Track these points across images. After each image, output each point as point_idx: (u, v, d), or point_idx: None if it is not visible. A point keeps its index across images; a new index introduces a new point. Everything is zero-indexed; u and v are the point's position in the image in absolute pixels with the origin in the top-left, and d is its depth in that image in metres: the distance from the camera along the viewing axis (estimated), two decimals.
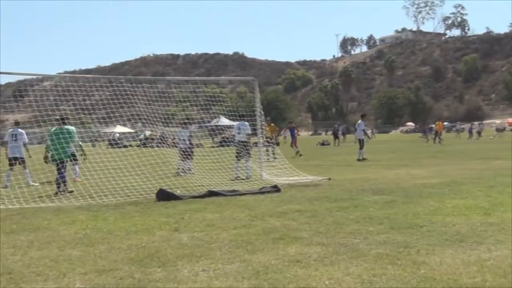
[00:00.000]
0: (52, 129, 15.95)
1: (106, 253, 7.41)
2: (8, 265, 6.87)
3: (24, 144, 18.40)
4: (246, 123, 19.39)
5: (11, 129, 18.71)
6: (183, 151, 20.23)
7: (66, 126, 15.86)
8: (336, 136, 55.90)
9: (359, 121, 28.88)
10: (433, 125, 56.34)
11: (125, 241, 8.20)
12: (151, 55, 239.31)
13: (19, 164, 18.19)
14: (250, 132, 19.39)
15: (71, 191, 14.90)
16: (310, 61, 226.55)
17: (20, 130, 18.56)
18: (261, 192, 13.88)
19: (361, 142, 27.59)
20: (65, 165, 15.46)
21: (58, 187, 15.02)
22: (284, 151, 22.27)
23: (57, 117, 16.21)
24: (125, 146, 32.75)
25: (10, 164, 18.18)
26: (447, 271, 6.07)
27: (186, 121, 22.01)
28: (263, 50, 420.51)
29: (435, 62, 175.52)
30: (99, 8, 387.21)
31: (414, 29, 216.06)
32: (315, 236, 8.11)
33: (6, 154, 18.66)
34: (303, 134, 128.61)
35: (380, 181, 16.15)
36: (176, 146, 21.47)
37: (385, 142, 58.11)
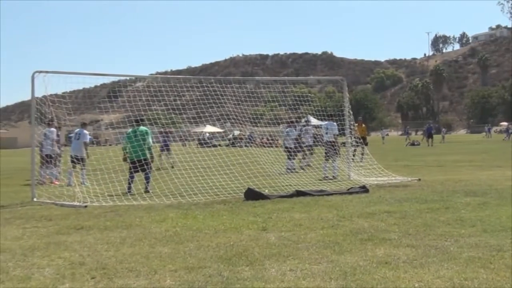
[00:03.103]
0: (129, 130, 16.37)
1: (195, 250, 7.53)
2: (102, 261, 7.10)
3: (85, 144, 18.88)
4: (334, 123, 19.29)
5: (78, 129, 19.21)
6: (289, 150, 20.48)
7: (141, 127, 16.26)
8: (429, 136, 54.35)
9: (287, 128, 24.02)
10: None
11: (214, 239, 8.31)
12: (240, 55, 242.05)
13: (79, 163, 18.60)
14: (337, 132, 19.31)
15: (147, 191, 15.19)
16: (400, 60, 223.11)
17: (85, 131, 19.07)
18: (349, 192, 13.76)
19: (290, 151, 22.22)
20: (149, 165, 15.84)
21: (129, 188, 15.34)
22: (372, 151, 21.99)
23: (137, 118, 16.59)
24: (214, 146, 33.22)
25: (72, 162, 18.65)
26: None
27: (295, 120, 22.07)
28: (352, 49, 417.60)
29: None
30: (189, 10, 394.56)
31: (510, 25, 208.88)
32: (404, 238, 7.97)
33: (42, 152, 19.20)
34: (392, 134, 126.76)
35: (472, 182, 15.70)
36: (280, 146, 21.75)
37: (478, 143, 56.43)
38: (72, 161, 18.47)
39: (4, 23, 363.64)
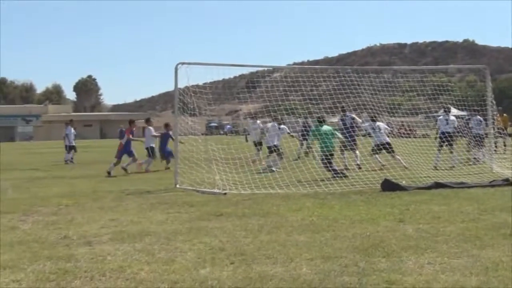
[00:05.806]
0: (320, 128, 16.98)
1: (331, 240, 7.58)
2: (240, 247, 7.30)
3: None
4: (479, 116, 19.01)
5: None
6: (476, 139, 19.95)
7: (325, 127, 17.09)
8: None
9: (150, 127, 22.19)
10: None
11: (350, 229, 8.31)
12: (378, 45, 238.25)
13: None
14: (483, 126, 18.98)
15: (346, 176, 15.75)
16: None
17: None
18: (491, 185, 13.27)
19: (149, 151, 21.59)
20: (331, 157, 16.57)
21: (335, 174, 15.91)
22: None
23: (318, 116, 17.91)
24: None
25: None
26: None
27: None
28: (496, 36, 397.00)
29: None
30: (327, 2, 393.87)
31: None
32: None
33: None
34: None
35: None
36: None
37: None
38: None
39: (151, 21, 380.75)
